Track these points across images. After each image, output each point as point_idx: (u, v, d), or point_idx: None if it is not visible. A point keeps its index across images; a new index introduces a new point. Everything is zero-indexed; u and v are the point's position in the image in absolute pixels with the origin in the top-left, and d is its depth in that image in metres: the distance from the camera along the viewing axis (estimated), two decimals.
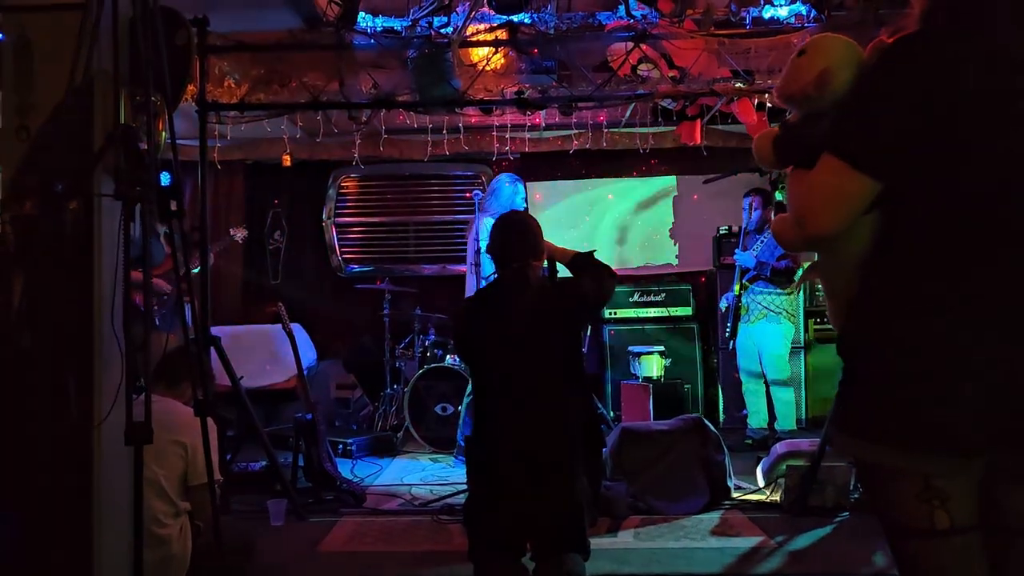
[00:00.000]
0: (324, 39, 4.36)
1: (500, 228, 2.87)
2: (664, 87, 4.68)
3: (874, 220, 1.49)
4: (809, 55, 1.66)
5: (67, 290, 2.31)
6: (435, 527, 4.02)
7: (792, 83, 1.69)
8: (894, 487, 1.40)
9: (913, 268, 1.42)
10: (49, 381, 2.30)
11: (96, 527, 2.30)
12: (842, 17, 4.21)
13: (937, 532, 1.37)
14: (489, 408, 2.75)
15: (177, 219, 2.29)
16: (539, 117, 5.76)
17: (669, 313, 6.72)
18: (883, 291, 1.46)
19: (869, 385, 1.43)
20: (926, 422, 1.34)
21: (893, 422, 1.38)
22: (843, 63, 1.61)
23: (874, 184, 1.42)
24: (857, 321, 1.51)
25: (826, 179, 1.46)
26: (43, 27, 2.38)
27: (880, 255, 1.49)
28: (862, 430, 1.43)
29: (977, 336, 1.34)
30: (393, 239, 7.51)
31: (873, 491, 1.48)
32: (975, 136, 1.35)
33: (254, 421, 4.30)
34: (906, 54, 1.41)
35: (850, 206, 1.45)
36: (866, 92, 1.46)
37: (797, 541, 3.73)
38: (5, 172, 2.39)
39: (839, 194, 1.45)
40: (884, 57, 1.44)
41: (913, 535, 1.40)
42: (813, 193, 1.49)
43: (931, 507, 1.37)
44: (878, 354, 1.42)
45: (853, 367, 1.49)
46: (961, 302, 1.36)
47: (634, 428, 4.50)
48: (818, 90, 1.62)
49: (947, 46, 1.38)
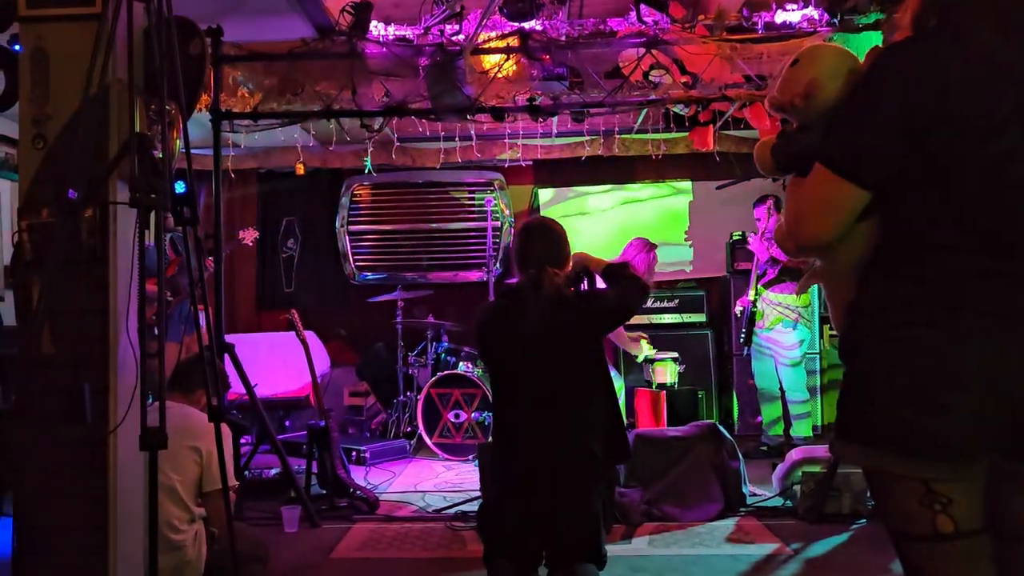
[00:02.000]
0: (337, 48, 4.38)
1: (522, 233, 2.87)
2: (676, 93, 4.67)
3: (870, 228, 1.49)
4: (800, 64, 1.67)
5: (83, 297, 2.34)
6: (448, 534, 4.01)
7: (783, 93, 1.69)
8: (896, 492, 1.40)
9: (904, 276, 1.42)
10: (65, 386, 2.31)
11: (112, 532, 2.31)
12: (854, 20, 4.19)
13: (941, 536, 1.36)
14: (505, 412, 2.74)
15: (192, 226, 2.31)
16: (551, 124, 5.76)
17: (683, 319, 6.70)
18: (877, 299, 1.46)
19: (866, 390, 1.43)
20: (920, 428, 1.34)
21: (889, 428, 1.38)
22: (831, 73, 1.60)
23: (862, 193, 1.43)
24: (853, 327, 1.51)
25: (816, 188, 1.47)
26: (59, 38, 2.41)
27: (874, 263, 1.49)
28: (860, 435, 1.43)
29: (969, 344, 1.34)
30: (406, 247, 7.53)
31: (877, 496, 1.49)
32: (961, 144, 1.35)
33: (268, 428, 4.32)
34: (894, 62, 1.42)
35: (839, 215, 1.46)
36: (854, 101, 1.47)
37: (813, 548, 3.69)
38: (22, 181, 2.41)
39: (828, 203, 1.46)
40: (873, 66, 1.45)
41: (917, 540, 1.40)
42: (803, 202, 1.51)
43: (933, 512, 1.36)
44: (873, 361, 1.43)
45: (851, 372, 1.50)
46: (952, 311, 1.36)
47: (648, 435, 4.49)
48: (805, 100, 1.62)
49: (935, 52, 1.38)
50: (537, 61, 4.47)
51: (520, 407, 2.67)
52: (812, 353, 6.23)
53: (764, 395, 5.66)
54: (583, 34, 4.39)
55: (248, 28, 4.28)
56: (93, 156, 2.30)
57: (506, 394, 2.73)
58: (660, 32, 4.34)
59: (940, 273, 1.38)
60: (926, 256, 1.40)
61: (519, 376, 2.68)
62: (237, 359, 4.29)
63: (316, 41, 4.39)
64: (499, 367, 2.77)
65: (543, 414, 2.63)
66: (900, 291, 1.42)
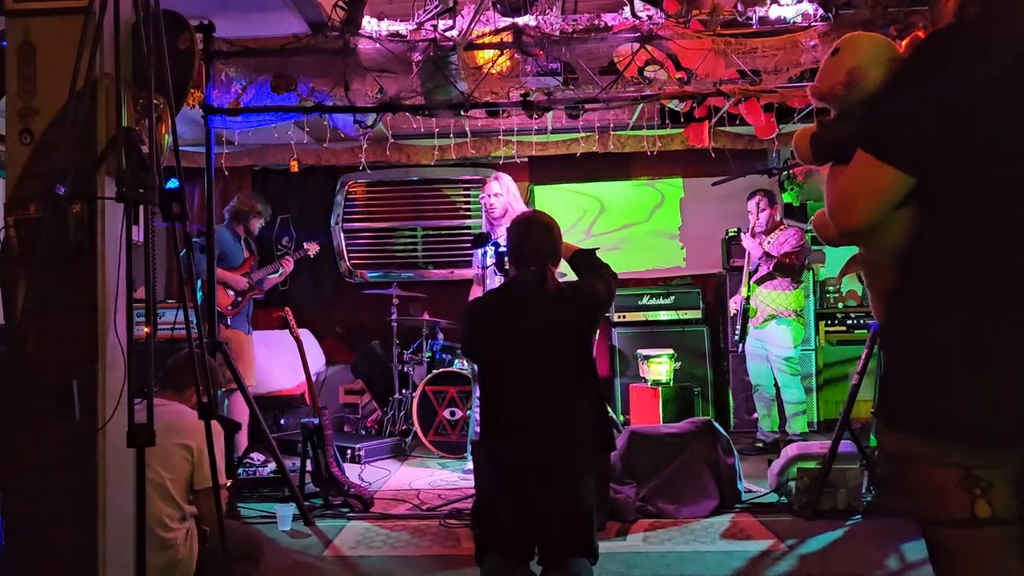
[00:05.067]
0: (329, 44, 4.36)
1: (520, 228, 2.80)
2: (671, 88, 4.66)
3: (911, 215, 1.50)
4: (841, 53, 1.69)
5: (71, 293, 2.32)
6: (443, 532, 4.00)
7: (823, 82, 1.72)
8: (936, 477, 1.40)
9: (947, 263, 1.42)
10: (54, 383, 2.29)
11: (101, 530, 2.30)
12: (849, 16, 4.17)
13: (977, 520, 1.36)
14: (497, 409, 2.72)
15: (181, 223, 2.29)
16: (546, 120, 5.74)
17: (678, 316, 6.69)
18: (918, 286, 1.47)
19: (910, 377, 1.44)
20: (966, 414, 1.35)
21: (931, 415, 1.38)
22: (872, 61, 1.63)
23: (905, 178, 1.43)
24: (895, 315, 1.52)
25: (858, 174, 1.49)
26: (46, 31, 2.39)
27: (915, 249, 1.49)
28: (903, 422, 1.44)
29: (1012, 332, 1.34)
30: (401, 244, 7.52)
31: (911, 479, 1.47)
32: (1003, 130, 1.36)
33: (262, 426, 4.30)
34: (937, 48, 1.43)
35: (881, 200, 1.47)
36: (896, 87, 1.49)
37: (808, 544, 3.69)
38: (9, 176, 2.39)
39: (870, 188, 1.47)
40: (916, 52, 1.46)
41: (952, 524, 1.39)
42: (845, 188, 1.53)
43: (972, 496, 1.36)
44: (915, 348, 1.44)
45: (892, 359, 1.50)
46: (998, 298, 1.36)
47: (643, 431, 4.48)
48: (847, 88, 1.65)
49: (977, 40, 1.39)
50: (531, 57, 4.45)
51: (516, 401, 2.66)
52: (808, 349, 6.23)
53: (759, 391, 5.66)
54: (577, 29, 4.37)
55: (241, 24, 4.26)
56: (80, 151, 2.28)
57: (499, 389, 2.71)
58: (654, 27, 4.33)
59: (985, 260, 1.38)
60: (970, 243, 1.40)
61: (515, 372, 2.66)
62: (229, 357, 4.28)
63: (309, 37, 4.37)
64: (495, 362, 2.74)
65: (539, 408, 2.62)
66: (945, 279, 1.42)
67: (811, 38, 4.26)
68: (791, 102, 5.05)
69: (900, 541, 3.62)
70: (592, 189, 7.37)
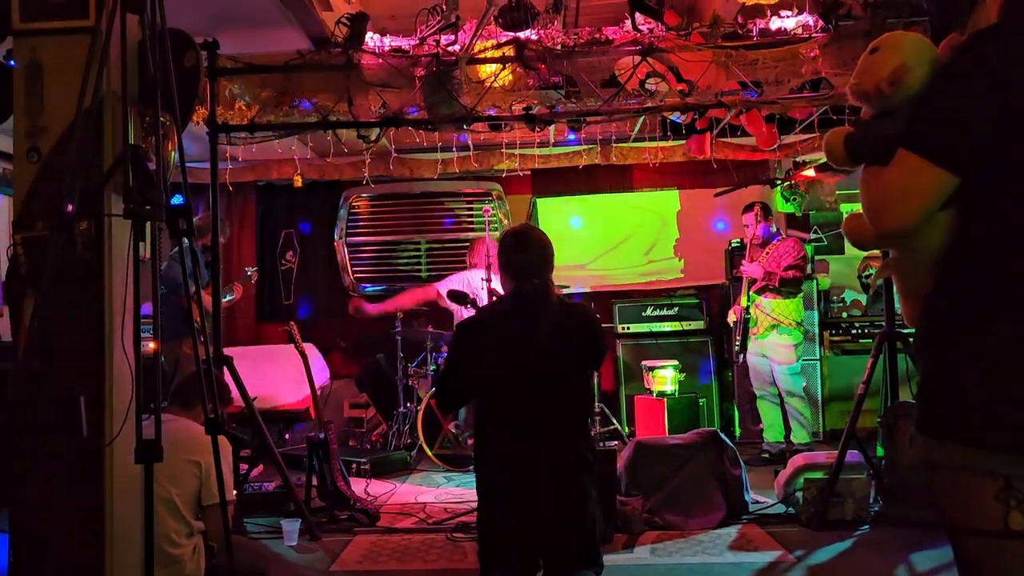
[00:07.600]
0: (332, 59, 4.39)
1: (517, 242, 2.79)
2: (672, 100, 4.68)
3: (949, 218, 1.47)
4: (883, 52, 1.66)
5: (78, 309, 2.33)
6: (449, 545, 3.99)
7: (866, 80, 1.68)
8: (973, 486, 1.38)
9: (996, 267, 1.41)
10: (61, 400, 2.30)
11: (108, 546, 2.29)
12: (849, 27, 4.19)
13: (1011, 533, 1.35)
14: (501, 421, 2.71)
15: (188, 238, 2.31)
16: (548, 133, 5.76)
17: (682, 327, 6.69)
18: (958, 291, 1.45)
19: (950, 384, 1.42)
20: (1007, 424, 1.33)
21: (976, 421, 1.36)
22: (918, 59, 1.61)
23: (951, 179, 1.41)
24: (937, 319, 1.49)
25: (902, 175, 1.45)
26: (53, 51, 2.41)
27: (960, 252, 1.47)
28: (945, 431, 1.41)
29: None
30: (405, 257, 7.54)
31: (947, 488, 1.44)
32: None
33: (268, 441, 4.30)
34: (985, 47, 1.41)
35: (925, 202, 1.44)
36: (944, 87, 1.46)
37: (817, 555, 3.67)
38: (17, 194, 2.41)
39: (915, 190, 1.44)
40: (963, 51, 1.44)
41: (984, 535, 1.38)
42: (889, 189, 1.48)
43: (1008, 507, 1.35)
44: (962, 353, 1.41)
45: (930, 367, 1.48)
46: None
47: (649, 443, 4.47)
48: (892, 86, 1.62)
49: (1022, 40, 1.38)
50: (533, 70, 4.47)
51: (518, 415, 2.65)
52: (811, 359, 6.22)
53: (762, 401, 5.65)
54: (578, 43, 4.39)
55: (244, 41, 4.29)
56: (88, 169, 2.30)
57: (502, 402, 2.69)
58: (655, 40, 4.35)
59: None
60: (1010, 247, 1.38)
61: (522, 384, 2.65)
62: (235, 372, 4.28)
63: (312, 53, 4.40)
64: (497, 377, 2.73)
65: (542, 420, 2.61)
66: (987, 283, 1.40)
67: (811, 49, 4.27)
68: (792, 113, 5.08)
69: (909, 551, 3.61)
70: (593, 201, 7.38)
